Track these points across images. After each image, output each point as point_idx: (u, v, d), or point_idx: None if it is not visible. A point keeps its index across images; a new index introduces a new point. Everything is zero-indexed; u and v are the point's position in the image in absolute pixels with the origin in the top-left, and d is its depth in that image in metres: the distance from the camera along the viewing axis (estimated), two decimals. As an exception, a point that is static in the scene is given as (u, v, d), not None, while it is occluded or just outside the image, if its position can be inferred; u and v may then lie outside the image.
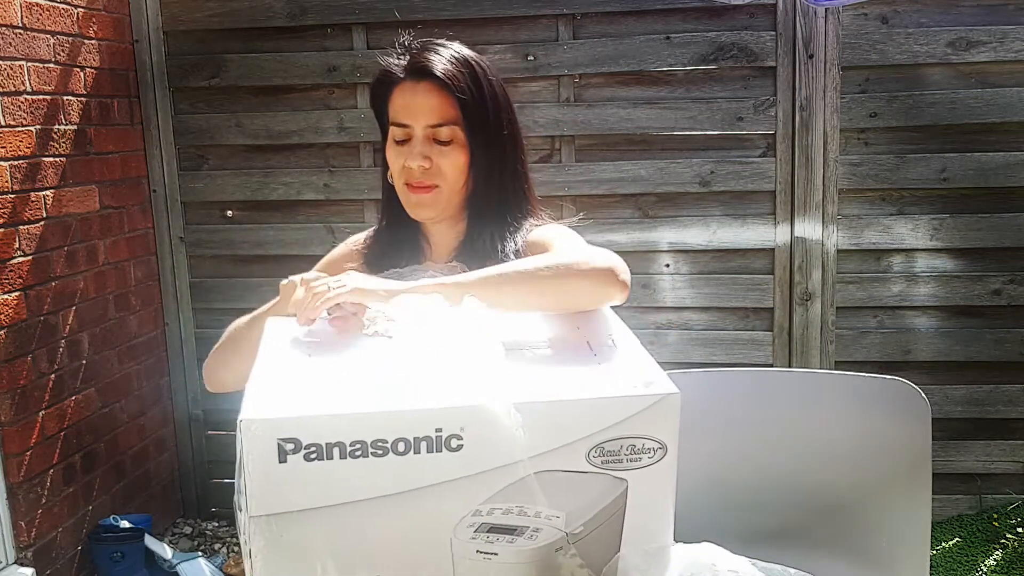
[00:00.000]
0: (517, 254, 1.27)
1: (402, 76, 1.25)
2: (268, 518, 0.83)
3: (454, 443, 0.84)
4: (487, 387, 0.88)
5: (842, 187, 2.79)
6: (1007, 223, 2.76)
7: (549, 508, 0.89)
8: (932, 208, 2.80)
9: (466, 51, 1.26)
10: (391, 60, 1.27)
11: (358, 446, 0.82)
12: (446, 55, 1.24)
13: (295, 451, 0.81)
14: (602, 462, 0.88)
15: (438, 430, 0.83)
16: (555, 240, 1.26)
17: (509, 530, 0.88)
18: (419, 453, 0.83)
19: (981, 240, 2.78)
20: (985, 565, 2.64)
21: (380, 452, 0.83)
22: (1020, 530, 2.69)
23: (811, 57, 2.73)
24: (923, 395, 1.55)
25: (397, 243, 1.35)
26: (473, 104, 1.24)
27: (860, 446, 1.60)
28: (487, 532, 0.88)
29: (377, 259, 1.34)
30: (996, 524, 2.78)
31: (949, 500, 2.88)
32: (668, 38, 2.79)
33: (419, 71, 1.23)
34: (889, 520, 1.57)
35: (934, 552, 2.72)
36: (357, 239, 1.40)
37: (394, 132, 1.25)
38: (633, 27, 2.81)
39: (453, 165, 1.25)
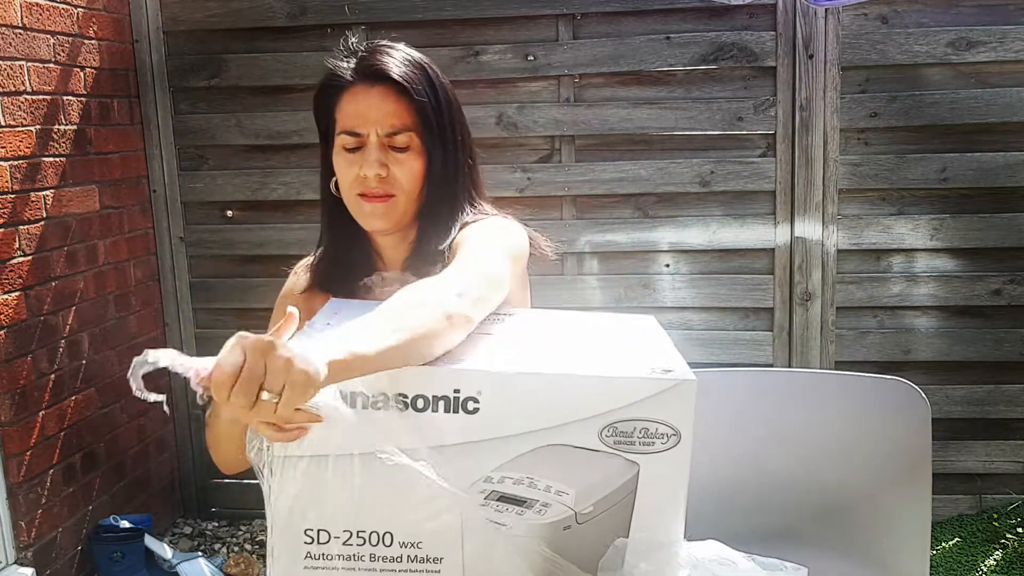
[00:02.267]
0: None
1: (352, 79, 1.17)
2: (290, 459, 0.85)
3: (471, 406, 0.86)
4: (508, 357, 0.89)
5: (842, 187, 2.79)
6: (1007, 223, 2.76)
7: (560, 483, 0.89)
8: (932, 208, 2.80)
9: (416, 53, 1.21)
10: (338, 63, 1.19)
11: (380, 398, 0.85)
12: (399, 57, 1.18)
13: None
14: (614, 442, 0.88)
15: (456, 391, 0.85)
16: (459, 249, 1.16)
17: (519, 501, 0.89)
18: (437, 411, 0.86)
19: (981, 240, 2.78)
20: (985, 565, 2.64)
21: (400, 406, 0.85)
22: (1020, 530, 2.69)
23: (811, 57, 2.73)
24: (923, 395, 1.56)
25: (346, 259, 1.28)
26: (429, 108, 1.17)
27: (860, 446, 1.60)
28: (497, 500, 0.89)
29: (326, 280, 1.28)
30: (996, 524, 2.78)
31: (949, 500, 2.88)
32: (668, 38, 2.79)
33: (373, 74, 1.16)
34: (889, 520, 1.57)
35: (934, 552, 2.72)
36: (300, 266, 1.34)
37: (344, 140, 1.18)
38: (633, 27, 2.81)
39: (409, 173, 1.18)
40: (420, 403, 0.85)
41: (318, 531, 0.88)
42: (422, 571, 0.90)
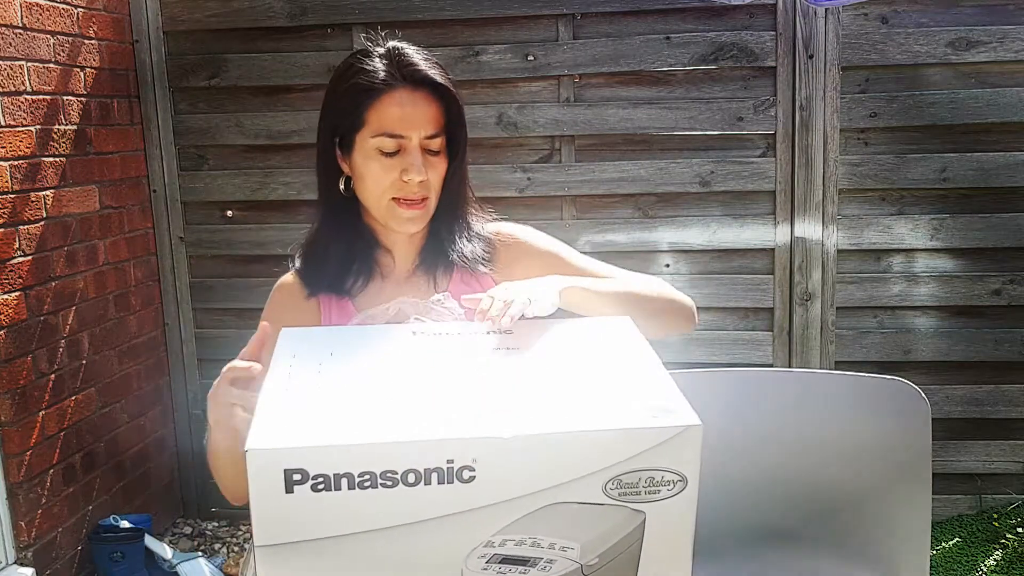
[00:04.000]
0: (475, 254, 1.26)
1: (393, 82, 1.16)
2: (274, 548, 0.81)
3: (466, 475, 0.81)
4: (501, 416, 0.85)
5: (842, 187, 2.79)
6: (1007, 223, 2.76)
7: (563, 540, 0.86)
8: (932, 208, 2.80)
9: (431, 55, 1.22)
10: (368, 62, 1.18)
11: (367, 477, 0.80)
12: (430, 60, 1.19)
13: (302, 482, 0.78)
14: (619, 494, 0.84)
15: (449, 461, 0.80)
16: (562, 251, 1.31)
17: (522, 561, 0.85)
18: (430, 484, 0.80)
19: (981, 240, 2.78)
20: (985, 565, 2.64)
21: (390, 483, 0.80)
22: (1020, 530, 2.69)
23: (811, 57, 2.73)
24: (923, 395, 1.55)
25: (347, 261, 1.27)
26: (457, 111, 1.20)
27: (860, 446, 1.60)
28: (499, 563, 0.85)
29: (329, 285, 1.27)
30: (996, 524, 2.78)
31: (949, 500, 2.88)
32: (668, 38, 2.79)
33: (417, 78, 1.17)
34: (889, 520, 1.57)
35: (934, 552, 2.72)
36: (286, 281, 1.32)
37: (383, 143, 1.16)
38: (633, 27, 2.81)
39: (438, 175, 1.21)
40: (411, 478, 0.80)
41: None
42: None
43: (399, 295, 1.25)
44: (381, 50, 1.20)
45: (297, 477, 0.78)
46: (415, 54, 1.19)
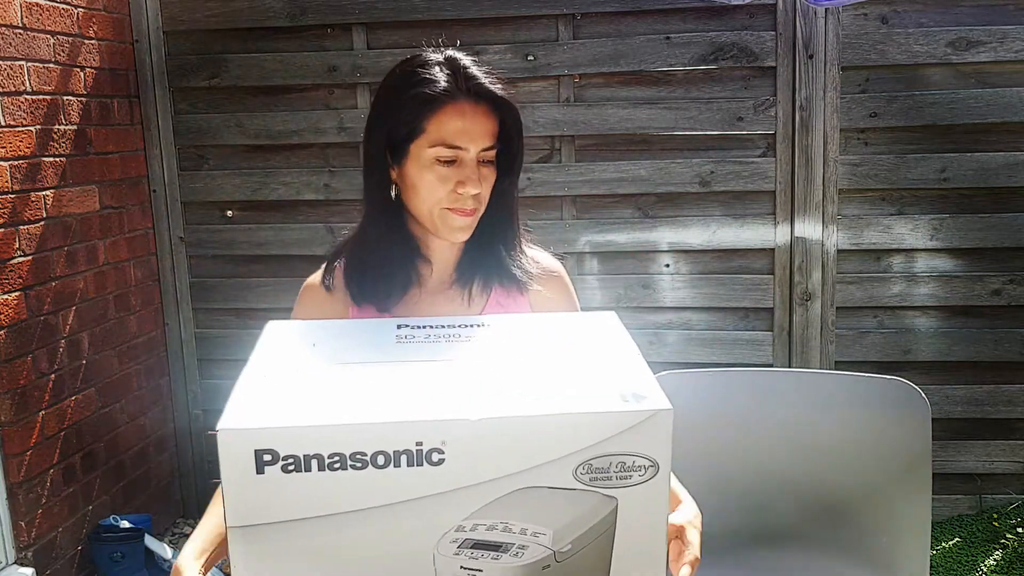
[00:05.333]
0: (519, 275, 1.28)
1: (455, 95, 1.16)
2: (245, 529, 0.82)
3: (435, 457, 0.82)
4: (472, 400, 0.85)
5: (842, 187, 2.79)
6: (1007, 223, 2.76)
7: (535, 525, 0.86)
8: (932, 208, 2.80)
9: None
10: (435, 73, 1.17)
11: (336, 459, 0.81)
12: (491, 74, 1.20)
13: (272, 462, 0.80)
14: (590, 479, 0.85)
15: (418, 444, 0.81)
16: (569, 299, 1.34)
17: (494, 547, 0.86)
18: (399, 467, 0.81)
19: (981, 240, 2.78)
20: (985, 565, 2.64)
21: (359, 465, 0.81)
22: (1020, 530, 2.69)
23: (811, 57, 2.73)
24: (923, 395, 1.56)
25: (389, 268, 1.27)
26: (514, 125, 1.21)
27: (860, 446, 1.60)
28: (471, 548, 0.85)
29: (371, 291, 1.27)
30: (996, 524, 2.78)
31: (949, 500, 2.88)
32: (668, 38, 2.79)
33: (481, 93, 1.17)
34: (889, 520, 1.57)
35: (934, 552, 2.72)
36: (315, 281, 1.31)
37: (441, 152, 1.16)
38: (633, 27, 2.81)
39: (489, 188, 1.22)
40: (380, 460, 0.81)
41: None
42: None
43: (434, 305, 1.27)
44: (439, 58, 1.19)
45: (267, 458, 0.80)
46: (475, 66, 1.19)
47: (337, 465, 0.81)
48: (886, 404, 1.58)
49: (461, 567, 0.85)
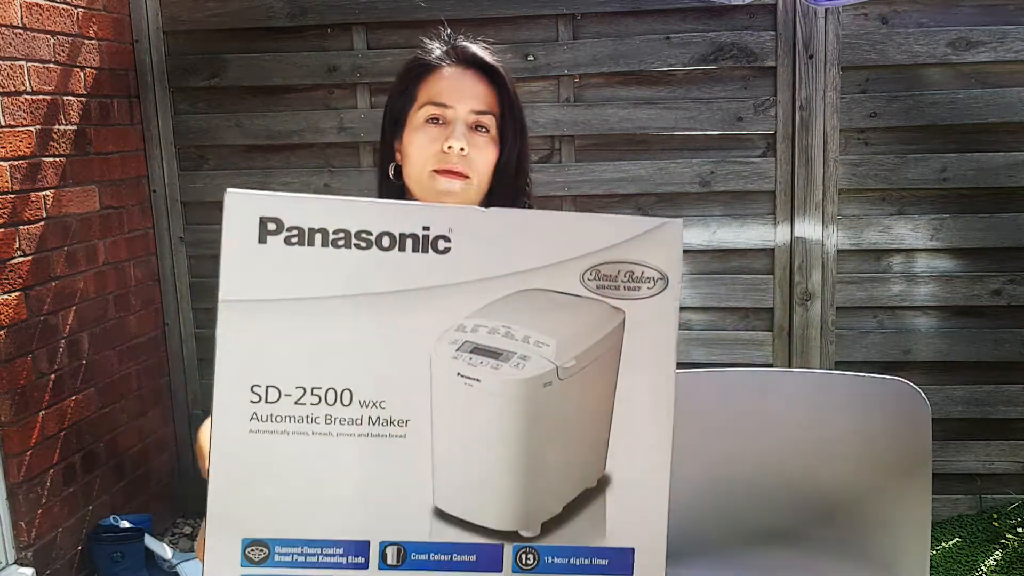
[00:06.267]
0: None
1: (443, 62, 1.21)
2: (239, 303, 0.78)
3: (441, 245, 0.79)
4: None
5: (842, 187, 2.79)
6: (1007, 223, 2.76)
7: (539, 333, 0.82)
8: (932, 208, 2.80)
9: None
10: (431, 46, 1.24)
11: (341, 235, 0.78)
12: (486, 48, 1.25)
13: (276, 232, 0.78)
14: (597, 287, 0.82)
15: (425, 228, 0.79)
16: None
17: (494, 353, 0.81)
18: (404, 251, 0.79)
19: (981, 240, 2.78)
20: (985, 565, 2.64)
21: (363, 245, 0.78)
22: (1020, 530, 2.69)
23: (811, 57, 2.73)
24: (923, 395, 1.55)
25: None
26: (510, 99, 1.23)
27: (860, 446, 1.60)
28: (470, 352, 0.81)
29: None
30: (996, 524, 2.78)
31: (949, 500, 2.88)
32: (668, 38, 2.79)
33: (468, 59, 1.22)
34: (889, 520, 1.57)
35: (934, 552, 2.72)
36: None
37: (429, 111, 1.18)
38: (633, 27, 2.81)
39: (485, 159, 1.20)
40: (386, 241, 0.78)
41: (266, 388, 0.78)
42: (385, 435, 0.80)
43: None
44: (440, 37, 1.27)
45: (272, 227, 0.78)
46: (471, 42, 1.25)
47: (341, 242, 0.78)
48: (886, 404, 1.58)
49: (458, 374, 0.81)
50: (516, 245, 0.80)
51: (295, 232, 0.78)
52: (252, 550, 0.80)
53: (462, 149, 1.16)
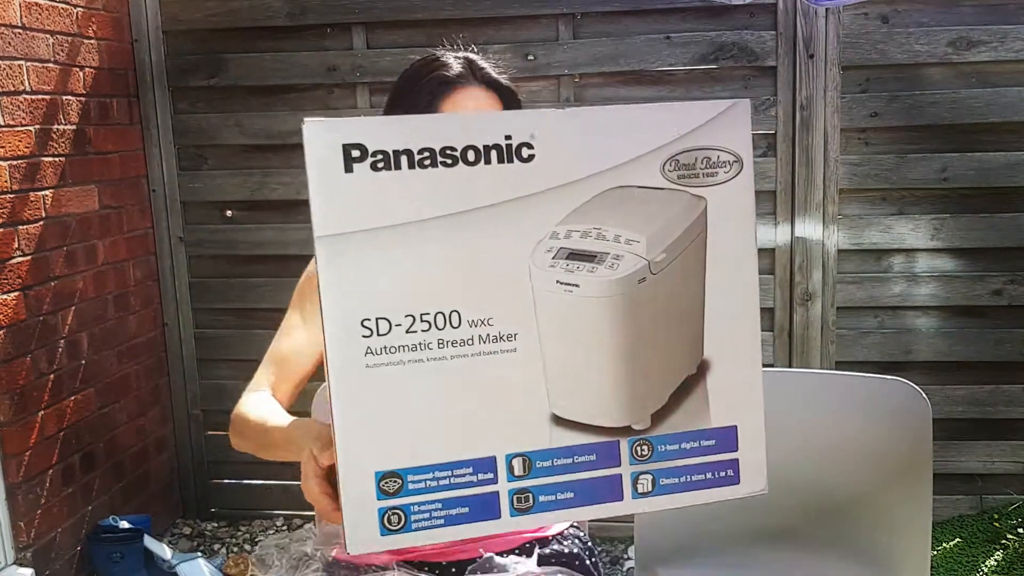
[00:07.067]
0: None
1: (468, 81, 1.27)
2: (334, 238, 0.77)
3: (525, 152, 0.80)
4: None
5: (842, 187, 2.79)
6: (1008, 223, 2.76)
7: (628, 231, 0.84)
8: (933, 208, 2.79)
9: None
10: (450, 61, 1.29)
11: (427, 154, 0.78)
12: (499, 67, 1.34)
13: (361, 159, 0.77)
14: (678, 176, 0.85)
15: (507, 137, 0.80)
16: None
17: (589, 256, 0.84)
18: (489, 163, 0.79)
19: (982, 240, 2.77)
20: (986, 566, 2.64)
21: (449, 162, 0.79)
22: (1021, 531, 2.69)
23: (811, 57, 2.73)
24: (924, 395, 1.55)
25: None
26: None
27: (860, 446, 1.60)
28: (566, 259, 0.83)
29: None
30: (997, 524, 2.78)
31: (950, 500, 2.87)
32: (668, 38, 2.78)
33: (490, 81, 1.29)
34: (889, 520, 1.57)
35: (934, 552, 2.71)
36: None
37: None
38: (633, 27, 2.81)
39: None
40: (471, 155, 0.78)
41: (376, 320, 0.79)
42: (496, 351, 0.82)
43: None
44: (456, 53, 1.32)
45: (356, 153, 0.77)
46: (484, 59, 1.34)
47: (427, 162, 0.78)
48: (887, 404, 1.58)
49: (557, 281, 0.83)
50: (597, 144, 0.82)
51: (380, 156, 0.77)
52: (386, 482, 0.81)
53: None
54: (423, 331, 0.80)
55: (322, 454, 0.87)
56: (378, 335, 0.79)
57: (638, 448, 0.87)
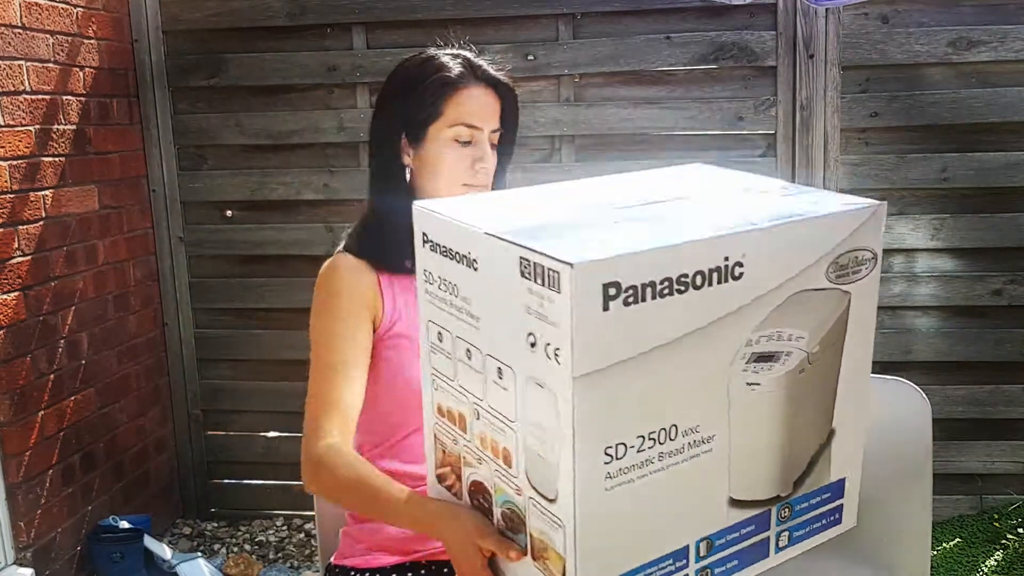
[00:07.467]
0: None
1: (469, 80, 1.31)
2: (592, 376, 0.79)
3: (737, 271, 0.84)
4: (752, 212, 0.89)
5: (842, 187, 2.79)
6: (1008, 223, 2.76)
7: (799, 330, 0.91)
8: (933, 208, 2.79)
9: None
10: (449, 62, 1.32)
11: (666, 284, 0.80)
12: (497, 64, 1.38)
13: (615, 296, 0.78)
14: (836, 276, 0.91)
15: (726, 258, 0.83)
16: None
17: (769, 357, 0.90)
18: (711, 285, 0.83)
19: (982, 240, 2.77)
20: (986, 566, 2.64)
21: (682, 288, 0.81)
22: (1021, 530, 2.69)
23: (811, 57, 2.73)
24: (924, 395, 1.55)
25: (404, 238, 1.34)
26: (514, 111, 1.39)
27: (861, 446, 1.60)
28: (755, 362, 0.89)
29: (391, 263, 1.32)
30: (997, 524, 2.78)
31: (950, 500, 2.87)
32: (668, 38, 2.78)
33: (489, 79, 1.33)
34: (890, 520, 1.57)
35: (934, 552, 2.71)
36: (345, 261, 1.34)
37: (459, 132, 1.30)
38: (633, 27, 2.81)
39: (493, 166, 1.37)
40: (699, 280, 0.82)
41: (616, 446, 0.82)
42: (699, 453, 0.88)
43: None
44: (451, 52, 1.35)
45: (612, 292, 0.78)
46: (483, 58, 1.37)
47: (666, 291, 0.81)
48: (887, 404, 1.58)
49: (747, 383, 0.89)
50: (788, 253, 0.88)
51: (631, 292, 0.79)
52: None
53: (487, 167, 1.33)
54: (649, 448, 0.85)
55: (485, 541, 0.95)
56: (616, 459, 0.83)
57: (782, 512, 0.98)
